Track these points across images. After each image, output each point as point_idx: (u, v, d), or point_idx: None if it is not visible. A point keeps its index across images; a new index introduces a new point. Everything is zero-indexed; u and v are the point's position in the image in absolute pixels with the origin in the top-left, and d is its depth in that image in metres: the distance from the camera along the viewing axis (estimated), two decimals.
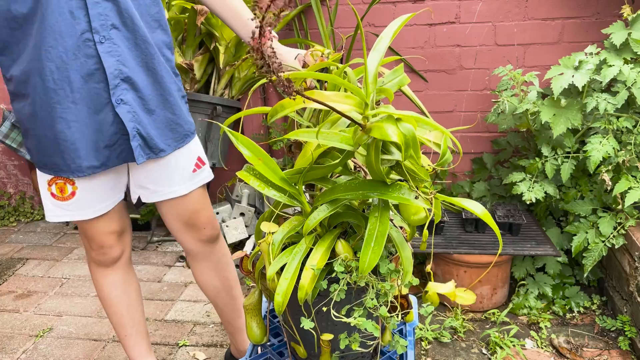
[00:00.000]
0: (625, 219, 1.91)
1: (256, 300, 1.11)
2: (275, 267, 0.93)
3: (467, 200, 0.87)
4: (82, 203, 1.30)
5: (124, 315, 1.52)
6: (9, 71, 1.20)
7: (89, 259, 1.46)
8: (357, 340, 0.96)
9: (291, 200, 0.97)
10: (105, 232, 1.38)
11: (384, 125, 0.78)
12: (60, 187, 1.28)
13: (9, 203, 3.14)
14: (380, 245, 0.86)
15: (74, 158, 1.22)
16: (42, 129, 1.20)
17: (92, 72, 1.17)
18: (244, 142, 0.96)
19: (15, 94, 1.22)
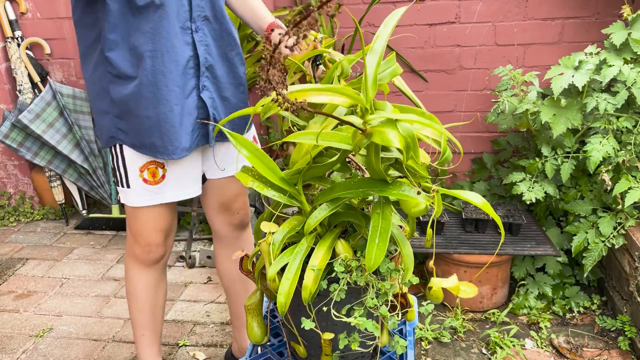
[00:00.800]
0: (625, 219, 1.91)
1: (257, 301, 1.11)
2: (276, 268, 0.93)
3: (466, 192, 0.87)
4: (169, 185, 1.37)
5: (147, 315, 1.55)
6: (113, 50, 1.24)
7: (130, 255, 1.48)
8: (357, 340, 0.96)
9: (291, 200, 0.97)
10: (156, 228, 1.41)
11: (385, 131, 0.78)
12: (153, 172, 1.34)
13: (9, 203, 3.14)
14: (385, 241, 0.86)
15: (173, 140, 1.29)
16: (146, 109, 1.26)
17: (189, 59, 1.27)
18: (243, 143, 0.96)
19: (120, 75, 1.26)
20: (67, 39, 2.80)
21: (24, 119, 2.67)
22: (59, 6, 2.74)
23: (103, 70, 1.28)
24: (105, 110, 1.31)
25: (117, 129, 1.32)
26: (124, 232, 2.89)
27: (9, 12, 2.75)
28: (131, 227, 1.43)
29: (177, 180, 1.38)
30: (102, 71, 1.28)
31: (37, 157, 2.83)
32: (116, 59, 1.25)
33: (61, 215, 3.08)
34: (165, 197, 1.37)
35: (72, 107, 2.80)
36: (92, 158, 2.87)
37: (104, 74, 1.28)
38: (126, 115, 1.29)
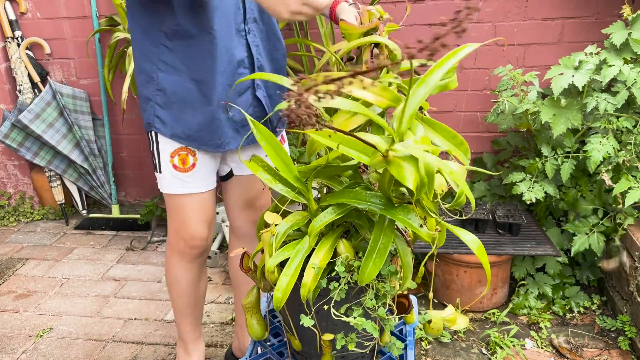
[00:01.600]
0: (625, 219, 1.91)
1: (255, 299, 1.12)
2: (276, 260, 0.93)
3: (465, 232, 0.87)
4: (199, 175, 1.37)
5: (191, 305, 1.58)
6: (173, 40, 1.25)
7: (172, 250, 1.48)
8: (354, 340, 0.96)
9: (298, 197, 0.97)
10: (200, 219, 1.42)
11: (404, 166, 0.76)
12: (183, 159, 1.34)
13: (9, 203, 3.14)
14: (382, 257, 0.86)
15: (220, 135, 1.33)
16: (202, 105, 1.29)
17: (243, 59, 1.31)
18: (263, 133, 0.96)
19: (175, 66, 1.27)
20: (67, 39, 2.80)
21: (24, 119, 2.67)
22: (59, 6, 2.74)
23: (156, 58, 1.28)
24: (148, 97, 1.32)
25: (155, 116, 1.32)
26: (124, 232, 2.89)
27: (9, 12, 2.75)
28: (174, 219, 1.43)
29: (205, 171, 1.39)
30: (154, 58, 1.28)
31: (37, 157, 2.83)
32: (176, 49, 1.26)
33: (61, 215, 3.08)
34: (197, 187, 1.38)
35: (72, 107, 2.80)
36: (92, 158, 2.87)
37: (155, 61, 1.28)
38: (176, 106, 1.30)
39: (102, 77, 2.76)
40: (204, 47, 1.26)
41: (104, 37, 2.74)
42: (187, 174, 1.36)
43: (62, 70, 2.88)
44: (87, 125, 2.85)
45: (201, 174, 1.38)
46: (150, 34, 1.27)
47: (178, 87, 1.28)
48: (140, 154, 2.98)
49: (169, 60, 1.27)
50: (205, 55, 1.26)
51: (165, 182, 1.37)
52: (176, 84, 1.28)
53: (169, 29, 1.25)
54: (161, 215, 2.88)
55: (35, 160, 2.83)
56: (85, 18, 2.73)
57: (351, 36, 1.07)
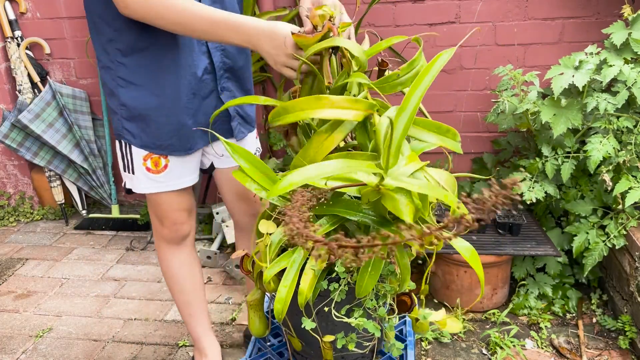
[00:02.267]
0: (626, 219, 1.91)
1: (259, 297, 1.12)
2: (272, 272, 0.93)
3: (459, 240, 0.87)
4: (173, 174, 1.41)
5: (190, 293, 1.61)
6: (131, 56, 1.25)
7: (159, 238, 1.55)
8: (354, 340, 0.96)
9: (288, 204, 0.97)
10: (179, 208, 1.47)
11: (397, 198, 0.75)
12: (155, 161, 1.38)
13: (9, 203, 3.14)
14: (378, 271, 0.86)
15: (188, 139, 1.37)
16: (167, 116, 1.31)
17: (205, 67, 1.32)
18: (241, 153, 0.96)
19: (134, 82, 1.28)
20: (67, 39, 2.80)
21: (23, 119, 2.67)
22: (59, 6, 2.74)
23: (114, 73, 1.28)
24: (113, 109, 1.35)
25: (124, 128, 1.35)
26: (124, 232, 2.89)
27: (8, 12, 2.74)
28: (155, 211, 1.49)
29: (180, 170, 1.42)
30: (112, 74, 1.29)
31: (37, 157, 2.83)
32: (134, 66, 1.26)
33: (61, 215, 3.08)
34: (168, 186, 1.42)
35: (71, 107, 2.80)
36: (91, 158, 2.87)
37: (114, 76, 1.29)
38: (139, 119, 1.32)
39: None
40: (165, 62, 1.26)
41: None
42: (160, 175, 1.40)
43: (62, 70, 2.88)
44: (87, 125, 2.85)
45: (175, 172, 1.41)
46: (108, 50, 1.27)
47: (138, 102, 1.29)
48: None
49: (127, 76, 1.27)
50: (165, 72, 1.27)
51: (138, 182, 1.41)
52: (136, 100, 1.29)
53: (125, 47, 1.25)
54: None
55: (35, 160, 2.83)
56: (85, 18, 2.73)
57: (307, 47, 1.03)
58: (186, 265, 1.58)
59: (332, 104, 0.84)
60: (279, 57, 1.09)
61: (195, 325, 1.66)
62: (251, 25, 1.11)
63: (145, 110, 1.30)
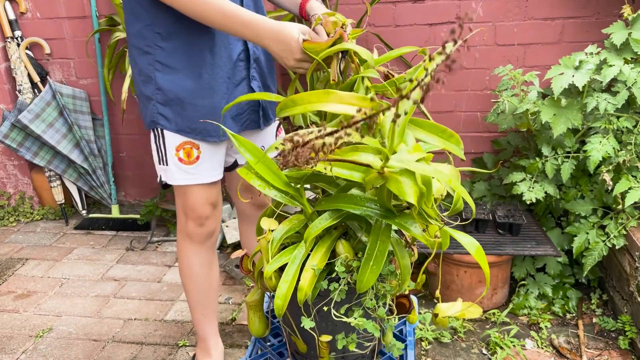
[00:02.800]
0: (626, 219, 1.91)
1: (259, 297, 1.12)
2: (273, 267, 0.93)
3: (464, 236, 0.87)
4: (203, 167, 1.43)
5: (205, 295, 1.62)
6: (170, 41, 1.28)
7: (183, 236, 1.54)
8: (355, 341, 0.96)
9: (292, 201, 0.97)
10: (206, 202, 1.48)
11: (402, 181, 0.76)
12: (187, 152, 1.41)
13: (9, 203, 3.14)
14: (379, 264, 0.86)
15: (222, 124, 1.38)
16: (202, 99, 1.34)
17: (240, 52, 1.37)
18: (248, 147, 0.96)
19: (171, 65, 1.31)
20: (67, 39, 2.80)
21: (23, 119, 2.67)
22: (59, 6, 2.74)
23: (151, 58, 1.31)
24: (149, 96, 1.36)
25: (159, 114, 1.37)
26: (124, 232, 2.89)
27: (8, 11, 2.74)
28: (181, 204, 1.49)
29: (211, 163, 1.45)
30: (150, 59, 1.32)
31: (37, 157, 2.83)
32: (172, 50, 1.29)
33: (61, 215, 3.08)
34: (200, 178, 1.44)
35: (71, 107, 2.80)
36: (91, 158, 2.87)
37: (151, 61, 1.32)
38: (175, 103, 1.35)
39: (102, 77, 2.76)
40: (202, 45, 1.30)
41: (104, 37, 2.74)
42: (191, 166, 1.42)
43: (62, 70, 2.88)
44: (86, 125, 2.85)
45: (205, 165, 1.43)
46: (146, 36, 1.30)
47: (175, 86, 1.32)
48: (140, 154, 2.98)
49: (165, 60, 1.31)
50: (203, 53, 1.31)
51: (171, 174, 1.43)
52: (173, 83, 1.32)
53: (165, 30, 1.28)
54: (161, 216, 2.88)
55: (35, 160, 2.83)
56: (85, 18, 2.73)
57: (317, 53, 1.07)
58: (207, 266, 1.58)
59: (340, 99, 0.85)
60: (287, 61, 1.15)
61: (206, 325, 1.66)
62: (261, 25, 1.16)
63: (182, 93, 1.33)
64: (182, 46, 1.29)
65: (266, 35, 1.15)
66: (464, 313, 0.94)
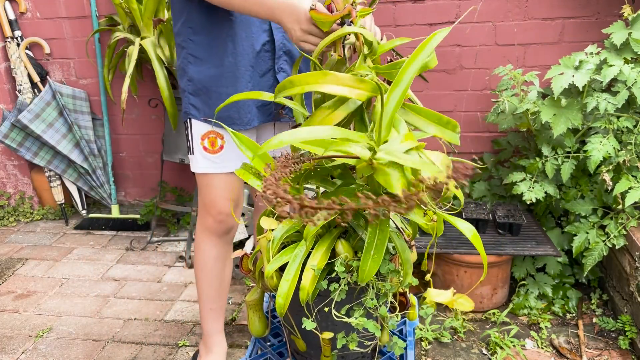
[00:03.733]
0: (626, 219, 1.91)
1: (258, 297, 1.12)
2: (274, 266, 0.93)
3: (460, 220, 0.87)
4: (227, 156, 1.46)
5: (216, 289, 1.63)
6: (198, 34, 1.36)
7: (203, 229, 1.56)
8: (355, 340, 0.96)
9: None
10: (227, 197, 1.50)
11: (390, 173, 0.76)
12: (212, 141, 1.45)
13: (9, 203, 3.14)
14: (380, 253, 0.86)
15: (247, 113, 1.43)
16: (226, 87, 1.39)
17: (265, 42, 1.39)
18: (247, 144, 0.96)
19: (200, 57, 1.39)
20: (67, 38, 2.80)
21: (23, 119, 2.67)
22: (59, 6, 2.74)
23: (185, 51, 1.40)
24: (183, 88, 1.44)
25: (190, 104, 1.44)
26: (124, 232, 2.89)
27: (8, 11, 2.74)
28: (203, 197, 1.52)
29: (234, 153, 1.46)
30: (184, 52, 1.40)
31: (37, 157, 2.83)
32: (200, 42, 1.37)
33: (61, 215, 3.08)
34: (225, 167, 1.47)
35: (71, 107, 2.80)
36: (91, 158, 2.86)
37: (185, 55, 1.40)
38: (203, 92, 1.41)
39: (102, 77, 2.76)
40: (225, 35, 1.36)
41: (104, 37, 2.74)
42: (215, 155, 1.45)
43: (62, 70, 2.88)
44: (86, 125, 2.85)
45: (229, 155, 1.46)
46: (182, 32, 1.39)
47: (202, 75, 1.39)
48: (140, 154, 2.98)
49: (195, 52, 1.39)
50: (226, 42, 1.36)
51: (196, 162, 1.48)
52: (201, 73, 1.39)
53: (196, 24, 1.36)
54: (161, 215, 2.88)
55: (35, 160, 2.83)
56: (85, 18, 2.73)
57: (324, 24, 1.08)
58: (221, 261, 1.60)
59: (337, 81, 0.85)
60: (295, 32, 1.15)
61: (212, 321, 1.67)
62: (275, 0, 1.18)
63: (208, 81, 1.39)
64: (209, 38, 1.36)
65: (279, 7, 1.16)
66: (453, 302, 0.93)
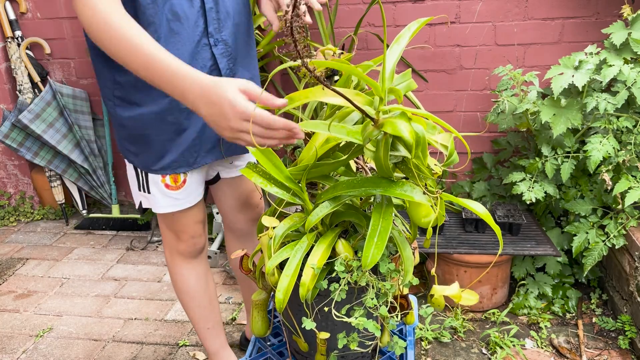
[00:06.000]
0: (626, 219, 1.91)
1: (265, 297, 1.12)
2: (275, 261, 0.93)
3: (470, 200, 0.87)
4: (190, 189, 1.35)
5: (206, 307, 1.56)
6: (126, 74, 1.15)
7: (174, 253, 1.47)
8: (356, 340, 0.96)
9: (294, 198, 0.97)
10: (196, 220, 1.42)
11: (397, 122, 0.78)
12: (174, 177, 1.31)
13: (9, 203, 3.14)
14: (383, 240, 0.85)
15: (198, 154, 1.29)
16: (169, 133, 1.23)
17: (209, 73, 1.18)
18: None
19: (130, 101, 1.20)
20: (67, 39, 2.80)
21: (24, 119, 2.67)
22: (59, 6, 2.74)
23: (110, 93, 1.23)
24: (117, 130, 1.30)
25: (127, 150, 1.30)
26: (124, 232, 2.89)
27: (9, 12, 2.75)
28: (172, 227, 1.42)
29: (197, 184, 1.37)
30: (109, 94, 1.23)
31: (37, 157, 2.83)
32: (128, 83, 1.19)
33: (61, 215, 3.08)
34: (188, 202, 1.36)
35: (72, 107, 2.80)
36: (92, 158, 2.87)
37: (111, 97, 1.23)
38: (139, 139, 1.25)
39: None
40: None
41: None
42: (178, 192, 1.33)
43: (62, 70, 2.88)
44: (87, 125, 2.85)
45: (192, 187, 1.35)
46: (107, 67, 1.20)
47: (143, 119, 1.22)
48: None
49: (125, 94, 1.20)
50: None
51: (155, 201, 1.34)
52: (138, 117, 1.22)
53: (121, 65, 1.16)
54: None
55: (36, 160, 2.83)
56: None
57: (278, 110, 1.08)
58: (202, 279, 1.53)
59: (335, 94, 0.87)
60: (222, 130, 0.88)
61: (213, 338, 1.60)
62: (188, 79, 0.90)
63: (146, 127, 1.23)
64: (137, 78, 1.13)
65: (192, 92, 0.89)
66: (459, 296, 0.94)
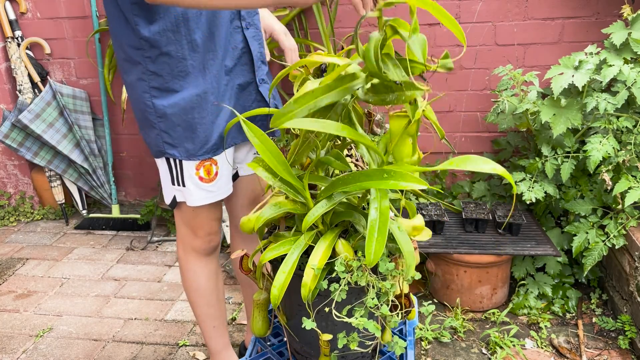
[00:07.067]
0: (626, 219, 1.91)
1: (266, 297, 1.12)
2: (270, 254, 0.94)
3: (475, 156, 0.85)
4: (222, 182, 1.37)
5: (215, 306, 1.56)
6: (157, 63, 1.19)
7: (188, 249, 1.48)
8: (356, 340, 0.96)
9: (295, 195, 0.97)
10: (214, 217, 1.44)
11: None
12: (208, 169, 1.33)
13: (9, 203, 3.14)
14: (384, 234, 0.85)
15: (230, 133, 1.35)
16: (211, 115, 1.27)
17: (240, 55, 1.29)
18: (255, 132, 0.96)
19: (167, 89, 1.22)
20: (67, 38, 2.80)
21: (24, 119, 2.67)
22: (59, 6, 2.74)
23: (146, 86, 1.22)
24: (154, 124, 1.27)
25: (165, 143, 1.29)
26: (124, 232, 2.89)
27: (9, 12, 2.74)
28: (190, 223, 1.43)
29: (227, 177, 1.40)
30: (145, 87, 1.22)
31: (37, 157, 2.83)
32: (162, 70, 1.19)
33: (61, 215, 3.08)
34: (219, 194, 1.38)
35: (72, 107, 2.80)
36: (92, 158, 2.87)
37: (147, 89, 1.22)
38: (183, 125, 1.25)
39: (102, 77, 2.76)
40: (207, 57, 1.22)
41: (104, 36, 2.74)
42: (211, 184, 1.35)
43: (62, 70, 2.88)
44: (87, 125, 2.85)
45: (223, 180, 1.37)
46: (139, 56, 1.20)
47: (177, 108, 1.23)
48: (140, 154, 2.98)
49: (160, 84, 1.21)
50: (208, 64, 1.23)
51: (190, 194, 1.34)
52: (175, 107, 1.23)
53: (154, 54, 1.18)
54: (161, 215, 2.88)
55: (35, 160, 2.83)
56: (85, 18, 2.73)
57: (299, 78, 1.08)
58: (214, 278, 1.53)
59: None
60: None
61: (217, 338, 1.60)
62: None
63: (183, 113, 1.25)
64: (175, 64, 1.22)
65: None
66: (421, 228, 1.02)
